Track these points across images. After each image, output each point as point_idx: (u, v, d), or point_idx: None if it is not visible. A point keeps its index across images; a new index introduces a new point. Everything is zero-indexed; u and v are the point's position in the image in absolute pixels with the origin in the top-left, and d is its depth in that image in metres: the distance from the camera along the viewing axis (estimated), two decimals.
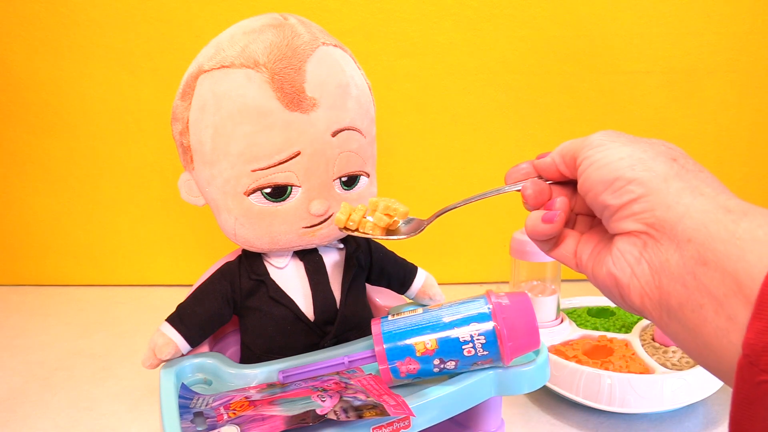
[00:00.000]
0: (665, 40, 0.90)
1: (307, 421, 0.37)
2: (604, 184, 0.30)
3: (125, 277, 1.04)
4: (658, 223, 0.28)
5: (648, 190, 0.29)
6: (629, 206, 0.30)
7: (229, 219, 0.49)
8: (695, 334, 0.27)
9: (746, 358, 0.24)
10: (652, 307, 0.29)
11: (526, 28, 0.90)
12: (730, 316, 0.25)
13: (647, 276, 0.29)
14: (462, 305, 0.44)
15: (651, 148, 0.31)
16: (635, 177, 0.29)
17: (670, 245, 0.28)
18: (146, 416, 0.64)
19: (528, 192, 0.35)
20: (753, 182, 0.97)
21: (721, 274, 0.26)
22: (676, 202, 0.28)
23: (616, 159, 0.30)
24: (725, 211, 0.27)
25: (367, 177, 0.52)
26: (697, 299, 0.26)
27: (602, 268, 0.32)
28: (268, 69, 0.46)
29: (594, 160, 0.31)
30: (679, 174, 0.29)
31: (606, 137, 0.32)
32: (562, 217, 0.34)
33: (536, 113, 0.94)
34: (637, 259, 0.30)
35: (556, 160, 0.35)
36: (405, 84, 0.92)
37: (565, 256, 0.35)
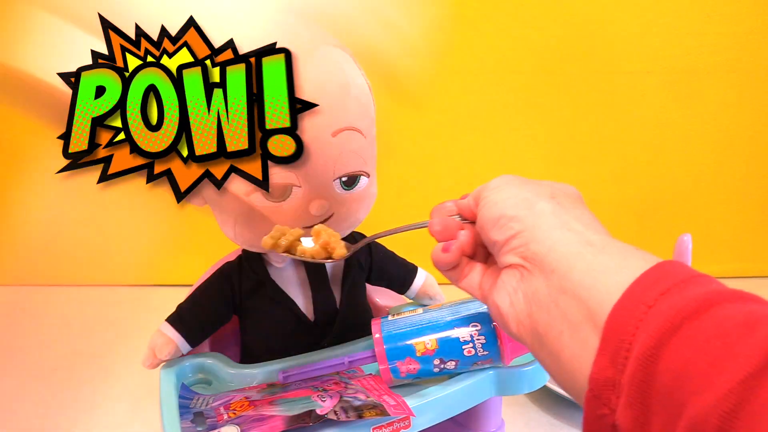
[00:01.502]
0: (665, 40, 0.90)
1: (307, 421, 0.37)
2: (492, 222, 0.33)
3: (125, 277, 1.04)
4: (530, 256, 0.31)
5: (524, 226, 0.31)
6: (510, 241, 0.32)
7: (229, 219, 0.49)
8: (557, 359, 0.29)
9: (591, 392, 0.26)
10: (526, 334, 0.31)
11: (526, 28, 0.90)
12: (582, 342, 0.27)
13: (522, 305, 0.31)
14: (462, 305, 0.44)
15: (536, 187, 0.34)
16: (515, 214, 0.32)
17: (540, 276, 0.30)
18: (146, 416, 0.64)
19: (435, 228, 0.38)
20: (753, 182, 0.97)
21: (577, 302, 0.27)
22: (547, 237, 0.30)
23: (504, 198, 0.33)
24: (587, 244, 0.29)
25: (367, 177, 0.52)
26: (558, 326, 0.28)
27: (490, 297, 0.35)
28: None
29: (488, 201, 0.34)
30: (554, 211, 0.32)
31: (503, 180, 0.35)
32: (458, 246, 0.37)
33: (536, 113, 0.94)
34: (515, 289, 0.32)
35: (470, 202, 0.38)
36: (405, 84, 0.92)
37: (470, 287, 0.37)
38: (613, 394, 0.25)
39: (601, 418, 0.25)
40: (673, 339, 0.23)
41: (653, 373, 0.23)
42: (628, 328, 0.25)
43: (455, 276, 0.38)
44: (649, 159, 0.96)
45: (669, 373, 0.23)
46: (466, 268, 0.38)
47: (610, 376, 0.25)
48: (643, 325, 0.24)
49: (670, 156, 0.96)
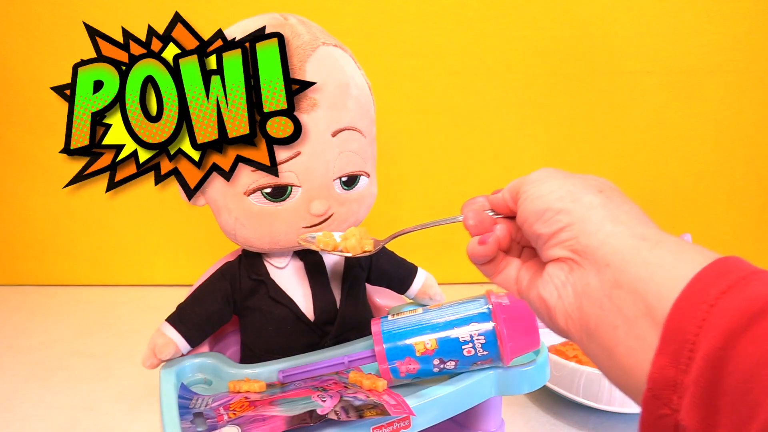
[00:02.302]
0: (665, 40, 0.90)
1: (307, 421, 0.37)
2: (537, 215, 0.33)
3: (125, 277, 1.04)
4: (581, 249, 0.30)
5: (573, 219, 0.31)
6: (557, 234, 0.32)
7: (229, 219, 0.49)
8: (610, 355, 0.28)
9: (650, 391, 0.25)
10: (575, 329, 0.31)
11: (526, 28, 0.90)
12: (639, 336, 0.27)
13: (571, 299, 0.31)
14: (462, 305, 0.44)
15: (581, 181, 0.33)
16: (563, 207, 0.32)
17: (591, 269, 0.30)
18: (146, 416, 0.64)
19: (470, 222, 0.38)
20: (753, 182, 0.97)
21: (633, 296, 0.27)
22: (598, 230, 0.30)
23: (548, 192, 0.33)
24: (641, 238, 0.29)
25: (367, 177, 0.52)
26: (612, 321, 0.28)
27: (534, 291, 0.34)
28: None
29: (530, 194, 0.34)
30: (603, 204, 0.31)
31: (543, 174, 0.35)
32: (495, 238, 0.37)
33: (536, 113, 0.94)
34: (563, 282, 0.32)
35: (505, 196, 0.37)
36: (405, 84, 0.92)
37: (506, 282, 0.37)
38: (674, 394, 0.24)
39: (661, 418, 0.25)
40: (742, 339, 0.23)
41: (721, 374, 0.23)
42: (690, 327, 0.24)
43: (491, 270, 0.38)
44: (649, 159, 0.96)
45: (739, 374, 0.22)
46: (502, 262, 0.38)
47: (671, 375, 0.25)
48: (707, 324, 0.24)
49: (670, 156, 0.96)
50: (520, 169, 1.03)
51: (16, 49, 0.93)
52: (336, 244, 0.46)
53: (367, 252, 0.45)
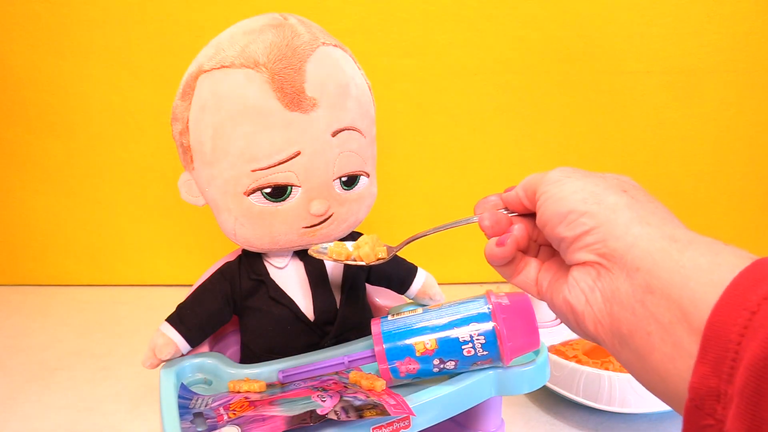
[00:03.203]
0: (665, 40, 0.90)
1: (307, 422, 0.37)
2: (559, 217, 0.32)
3: (125, 277, 1.04)
4: (609, 253, 0.29)
5: (599, 222, 0.30)
6: (582, 238, 0.31)
7: (229, 219, 0.49)
8: (644, 361, 0.28)
9: (692, 401, 0.24)
10: (605, 334, 0.30)
11: (526, 28, 0.90)
12: (675, 343, 0.26)
13: (600, 304, 0.30)
14: (462, 305, 0.44)
15: (603, 181, 0.32)
16: (587, 210, 0.31)
17: (621, 274, 0.29)
18: (146, 416, 0.64)
19: (485, 222, 0.37)
20: (753, 182, 0.97)
21: (667, 302, 0.26)
22: (626, 233, 0.29)
23: (570, 193, 0.32)
24: (671, 240, 0.28)
25: (367, 177, 0.52)
26: (645, 326, 0.27)
27: (559, 295, 0.33)
28: (268, 69, 0.46)
29: (550, 195, 0.33)
30: (629, 205, 0.30)
31: (563, 173, 0.34)
32: (513, 239, 0.36)
33: (536, 113, 0.94)
34: (591, 287, 0.31)
35: (519, 194, 0.36)
36: (405, 84, 0.92)
37: (526, 283, 0.37)
38: (718, 404, 0.24)
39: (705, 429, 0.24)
40: None
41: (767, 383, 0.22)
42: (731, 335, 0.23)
43: (509, 272, 0.37)
44: (649, 159, 0.96)
45: None
46: (521, 263, 0.37)
47: (713, 385, 0.24)
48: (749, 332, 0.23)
49: (670, 156, 0.96)
50: (520, 169, 1.04)
51: (16, 49, 0.93)
52: (349, 254, 0.46)
53: (381, 260, 0.45)
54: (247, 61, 0.46)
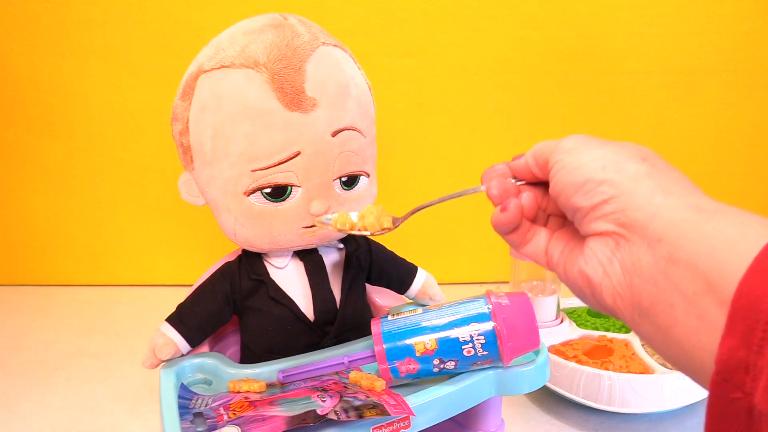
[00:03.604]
0: (665, 40, 0.90)
1: (307, 422, 0.37)
2: (575, 187, 0.31)
3: (125, 277, 1.04)
4: (629, 223, 0.29)
5: (619, 191, 0.29)
6: (600, 207, 0.30)
7: (229, 219, 0.49)
8: (667, 334, 0.27)
9: (718, 374, 0.24)
10: (624, 306, 0.29)
11: (526, 28, 0.90)
12: (701, 316, 0.25)
13: (619, 275, 0.29)
14: (462, 305, 0.44)
15: (621, 149, 0.31)
16: (606, 178, 0.30)
17: (642, 245, 0.28)
18: (146, 416, 0.64)
19: (493, 191, 0.36)
20: (753, 182, 0.97)
21: (692, 273, 0.26)
22: (647, 202, 0.28)
23: (587, 161, 0.31)
24: (696, 209, 0.27)
25: (367, 177, 0.52)
26: (668, 299, 0.27)
27: (574, 267, 0.32)
28: (268, 69, 0.46)
29: (565, 163, 0.32)
30: (650, 173, 0.29)
31: (578, 141, 0.33)
32: (516, 204, 0.35)
33: (536, 113, 0.94)
34: (609, 258, 0.30)
35: (529, 162, 0.35)
36: (405, 84, 0.92)
37: (535, 253, 0.36)
38: (747, 376, 0.23)
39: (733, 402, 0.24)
40: None
41: None
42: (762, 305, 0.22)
43: (517, 240, 0.36)
44: None
45: None
46: (529, 232, 0.36)
47: (742, 357, 0.23)
48: None
49: (670, 156, 0.94)
50: None
51: (16, 49, 0.93)
52: (353, 224, 0.45)
53: (387, 229, 0.44)
54: (247, 61, 0.46)
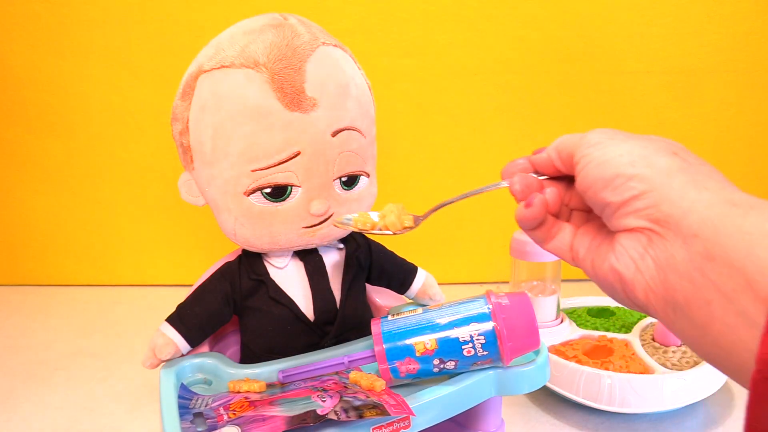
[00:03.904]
0: (665, 40, 0.90)
1: (307, 422, 0.37)
2: (604, 182, 0.30)
3: (125, 277, 1.04)
4: (663, 219, 0.28)
5: (650, 186, 0.29)
6: (631, 203, 0.29)
7: (229, 219, 0.49)
8: (703, 331, 0.27)
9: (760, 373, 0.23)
10: (657, 303, 0.29)
11: (526, 28, 0.90)
12: (739, 313, 0.25)
13: (652, 272, 0.29)
14: (462, 305, 0.44)
15: (650, 143, 0.30)
16: (636, 173, 0.29)
17: (676, 241, 0.27)
18: (146, 416, 0.64)
19: (516, 187, 0.35)
20: (753, 182, 0.97)
21: (729, 270, 0.25)
22: (681, 197, 0.28)
23: (616, 156, 0.30)
24: (731, 204, 0.26)
25: (367, 177, 0.52)
26: (705, 295, 0.26)
27: (604, 263, 0.31)
28: (268, 69, 0.46)
29: (592, 158, 0.31)
30: (682, 168, 0.29)
31: (604, 135, 0.32)
32: (541, 199, 0.34)
33: (536, 113, 0.94)
34: (642, 254, 0.29)
35: (552, 156, 0.35)
36: (405, 84, 0.92)
37: (560, 249, 0.35)
38: None
39: None
40: None
41: None
42: None
43: (542, 236, 0.36)
44: None
45: None
46: (553, 228, 0.35)
47: None
48: None
49: None
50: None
51: (16, 49, 0.93)
52: (374, 223, 0.44)
53: (408, 228, 0.43)
54: (247, 61, 0.46)
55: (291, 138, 0.47)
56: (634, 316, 0.72)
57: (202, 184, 0.50)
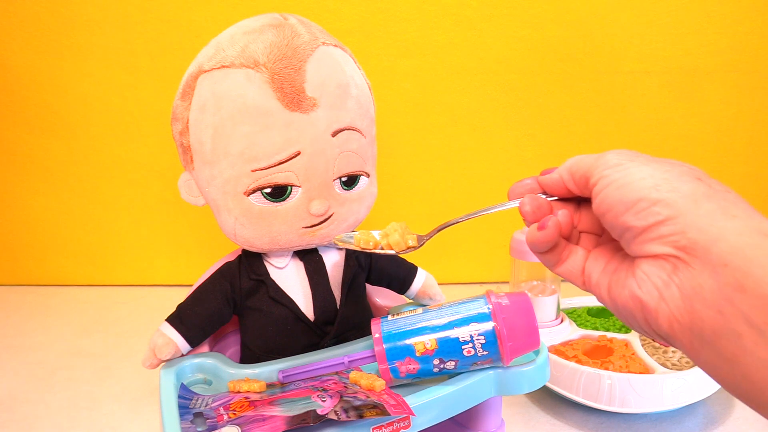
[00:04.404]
0: (665, 40, 0.90)
1: (307, 421, 0.37)
2: (625, 205, 0.29)
3: (125, 277, 1.04)
4: (689, 246, 0.27)
5: (676, 212, 0.28)
6: (655, 228, 0.28)
7: (229, 219, 0.49)
8: (732, 365, 0.26)
9: None
10: (683, 333, 0.28)
11: (526, 28, 0.90)
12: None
13: (677, 301, 0.28)
14: (462, 305, 0.44)
15: (673, 167, 0.30)
16: (661, 198, 0.28)
17: (704, 270, 0.27)
18: (146, 416, 0.64)
19: (526, 208, 0.35)
20: (753, 182, 0.97)
21: (761, 301, 0.24)
22: (709, 224, 0.27)
23: (638, 178, 0.29)
24: (762, 234, 0.26)
25: (367, 177, 0.52)
26: (735, 327, 0.25)
27: (623, 290, 0.30)
28: (268, 69, 0.46)
29: (612, 180, 0.30)
30: (708, 194, 0.28)
31: (622, 156, 0.31)
32: (555, 222, 0.33)
33: (536, 113, 0.94)
34: (666, 282, 0.28)
35: (563, 177, 0.34)
36: (405, 84, 0.92)
37: (571, 273, 0.34)
38: None
39: None
40: None
41: None
42: None
43: (553, 259, 0.35)
44: None
45: None
46: (565, 251, 0.34)
47: None
48: None
49: (670, 156, 0.96)
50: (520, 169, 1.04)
51: (16, 49, 0.93)
52: (377, 242, 0.44)
53: (412, 248, 0.43)
54: (247, 61, 0.46)
55: (291, 138, 0.47)
56: None
57: (202, 184, 0.50)
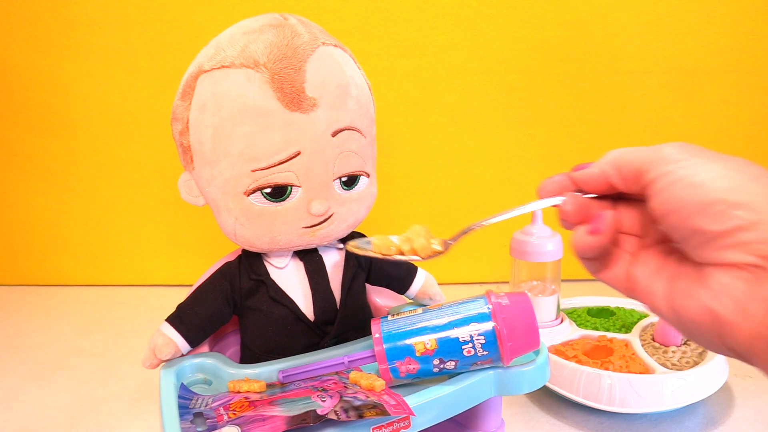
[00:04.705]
0: (665, 40, 0.90)
1: (307, 421, 0.37)
2: (697, 206, 0.26)
3: (125, 277, 1.04)
4: None
5: (761, 217, 0.25)
6: (735, 234, 0.25)
7: (229, 219, 0.49)
8: None
9: None
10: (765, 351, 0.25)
11: (526, 28, 0.90)
12: None
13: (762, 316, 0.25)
14: (462, 305, 0.44)
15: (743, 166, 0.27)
16: (742, 201, 0.25)
17: None
18: (146, 416, 0.64)
19: (567, 208, 0.31)
20: None
21: None
22: None
23: (710, 178, 0.26)
24: None
25: (367, 177, 0.52)
26: None
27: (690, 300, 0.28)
28: (268, 69, 0.46)
29: (678, 177, 0.27)
30: None
31: (684, 150, 0.28)
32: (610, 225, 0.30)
33: (536, 113, 0.94)
34: (750, 295, 0.25)
35: (607, 172, 0.31)
36: (405, 84, 0.92)
37: (617, 279, 0.31)
38: None
39: None
40: None
41: None
42: None
43: (597, 266, 0.32)
44: None
45: None
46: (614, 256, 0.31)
47: None
48: None
49: None
50: (520, 169, 1.03)
51: (16, 49, 0.93)
52: (398, 247, 0.41)
53: (438, 253, 0.41)
54: (247, 61, 0.46)
55: (291, 138, 0.47)
56: (634, 316, 0.72)
57: (202, 184, 0.50)
